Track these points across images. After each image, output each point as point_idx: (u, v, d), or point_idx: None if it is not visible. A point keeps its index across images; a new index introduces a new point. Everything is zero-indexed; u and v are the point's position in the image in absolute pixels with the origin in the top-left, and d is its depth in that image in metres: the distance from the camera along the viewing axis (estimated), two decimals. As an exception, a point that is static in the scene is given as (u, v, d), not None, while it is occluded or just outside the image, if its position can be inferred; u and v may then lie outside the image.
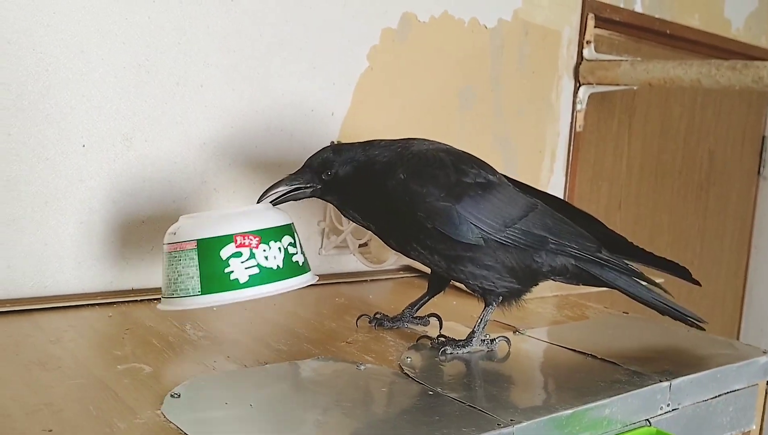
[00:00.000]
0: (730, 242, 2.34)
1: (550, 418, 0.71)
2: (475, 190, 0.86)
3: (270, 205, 0.90)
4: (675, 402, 0.85)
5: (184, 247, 0.84)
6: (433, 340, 0.91)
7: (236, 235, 0.83)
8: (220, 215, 0.87)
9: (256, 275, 0.83)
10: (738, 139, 2.30)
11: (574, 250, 0.90)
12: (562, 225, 0.90)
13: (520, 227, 0.87)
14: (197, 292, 0.83)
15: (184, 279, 0.83)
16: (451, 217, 0.84)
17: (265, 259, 0.84)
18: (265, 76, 1.17)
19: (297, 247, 0.89)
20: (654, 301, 0.96)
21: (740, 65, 1.36)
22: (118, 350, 0.82)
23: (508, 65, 1.53)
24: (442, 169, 0.85)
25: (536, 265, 0.89)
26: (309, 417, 0.67)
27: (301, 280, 0.87)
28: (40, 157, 0.98)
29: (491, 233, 0.85)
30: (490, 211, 0.86)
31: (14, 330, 0.86)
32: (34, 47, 0.95)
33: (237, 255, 0.83)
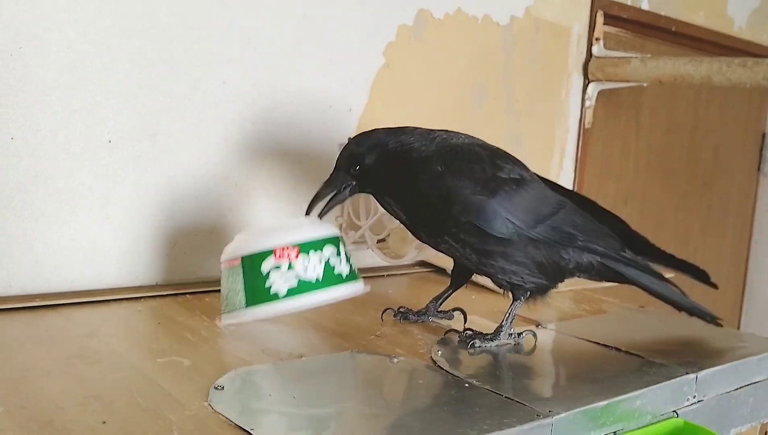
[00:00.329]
0: (731, 237, 2.37)
1: (586, 410, 0.73)
2: (510, 186, 0.87)
3: (316, 218, 0.92)
4: (701, 394, 0.87)
5: (233, 264, 0.87)
6: (461, 333, 0.92)
7: (276, 249, 0.85)
8: (263, 230, 0.89)
9: (295, 287, 0.85)
10: (739, 136, 2.32)
11: (601, 248, 0.91)
12: (589, 223, 0.92)
13: (550, 224, 0.88)
14: (243, 305, 0.85)
15: (233, 294, 0.86)
16: (486, 211, 0.85)
17: (304, 270, 0.85)
18: (285, 72, 1.17)
19: (341, 257, 0.89)
20: (674, 298, 0.98)
21: (751, 62, 1.38)
22: (154, 344, 0.82)
23: (519, 62, 1.54)
24: (478, 163, 0.86)
25: (564, 262, 0.90)
26: (352, 409, 0.68)
27: (341, 291, 0.87)
28: (68, 153, 0.98)
29: (523, 229, 0.86)
30: (523, 207, 0.87)
31: (48, 324, 0.86)
32: (61, 43, 0.96)
33: (277, 268, 0.84)
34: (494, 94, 1.50)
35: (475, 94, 1.47)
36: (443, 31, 1.39)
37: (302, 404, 0.68)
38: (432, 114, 1.39)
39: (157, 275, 1.08)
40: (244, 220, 1.16)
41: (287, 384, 0.73)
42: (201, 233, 1.12)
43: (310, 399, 0.70)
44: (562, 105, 1.65)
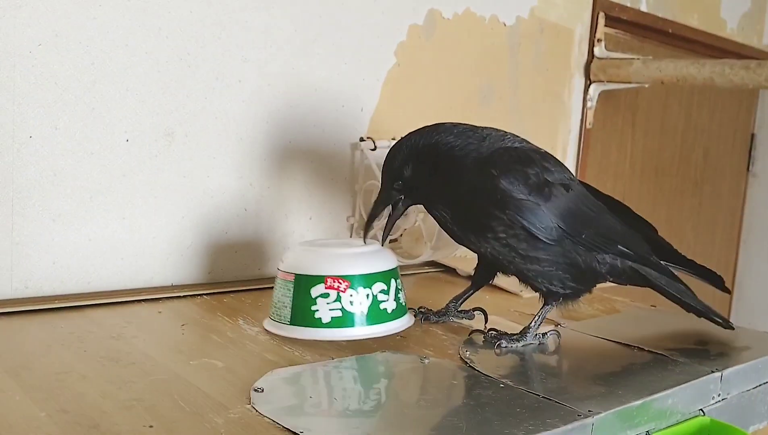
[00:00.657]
0: (721, 237, 2.41)
1: (623, 410, 0.73)
2: (560, 190, 0.87)
3: (380, 247, 0.92)
4: (725, 392, 0.88)
5: (286, 278, 0.88)
6: (486, 334, 0.93)
7: (327, 277, 0.85)
8: (323, 250, 0.89)
9: (339, 318, 0.85)
10: (729, 137, 2.36)
11: (635, 254, 0.92)
12: (625, 228, 0.93)
13: (594, 230, 0.88)
14: (287, 320, 0.87)
15: (282, 306, 0.88)
16: (539, 216, 0.85)
17: (351, 304, 0.86)
18: (300, 71, 1.17)
19: (390, 294, 0.89)
20: (692, 303, 0.99)
21: (754, 65, 1.40)
22: (183, 346, 0.82)
23: (524, 62, 1.55)
24: (532, 167, 0.86)
25: (600, 267, 0.90)
26: (396, 410, 0.68)
27: (384, 328, 0.87)
28: (86, 151, 0.97)
29: (570, 234, 0.87)
30: (571, 213, 0.87)
31: (72, 326, 0.85)
32: (80, 40, 0.94)
33: (325, 296, 0.85)
34: (500, 94, 1.51)
35: (483, 93, 1.47)
36: (452, 31, 1.39)
37: (345, 405, 0.68)
38: (441, 113, 1.39)
39: (172, 276, 1.07)
40: (258, 220, 1.15)
41: (325, 385, 0.73)
42: (216, 233, 1.11)
43: (351, 400, 0.70)
44: (564, 105, 1.66)
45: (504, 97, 1.52)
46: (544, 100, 1.61)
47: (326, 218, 1.25)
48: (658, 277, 0.95)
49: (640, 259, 0.92)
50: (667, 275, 0.96)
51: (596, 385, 0.79)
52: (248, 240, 1.15)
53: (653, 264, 0.94)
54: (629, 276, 0.94)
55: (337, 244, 0.93)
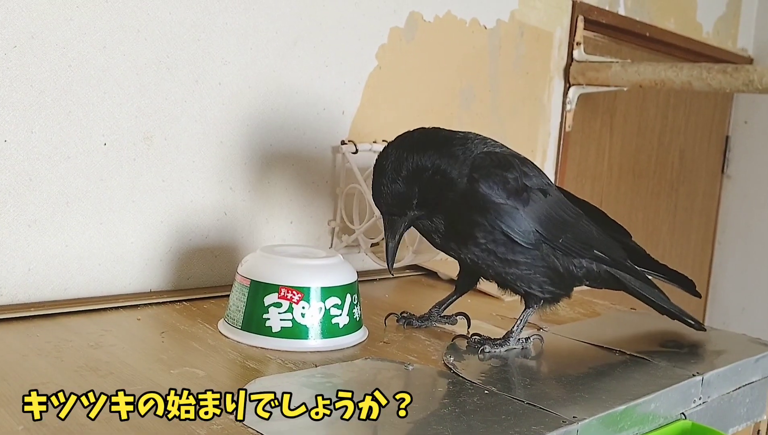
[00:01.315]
0: (696, 239, 2.43)
1: (607, 415, 0.74)
2: (538, 195, 0.87)
3: (341, 259, 0.92)
4: (705, 395, 0.89)
5: (243, 282, 0.88)
6: (469, 339, 0.92)
7: (281, 287, 0.85)
8: (281, 258, 0.88)
9: (288, 329, 0.85)
10: (705, 139, 2.39)
11: (610, 258, 0.93)
12: (603, 234, 0.94)
13: (571, 234, 0.89)
14: (239, 325, 0.87)
15: (236, 310, 0.88)
16: (517, 220, 0.85)
17: (302, 316, 0.86)
18: (281, 74, 1.16)
19: (344, 308, 0.88)
20: (665, 306, 1.01)
21: (731, 69, 1.42)
22: (163, 354, 0.80)
23: (504, 65, 1.55)
24: (511, 172, 0.86)
25: (577, 271, 0.91)
26: (381, 418, 0.67)
27: (332, 343, 0.87)
28: (63, 156, 0.95)
29: (548, 239, 0.87)
30: (549, 217, 0.87)
31: (49, 335, 0.83)
32: (57, 42, 0.92)
33: (277, 305, 0.85)
34: (481, 97, 1.51)
35: (463, 95, 1.47)
36: (433, 34, 1.39)
37: (327, 414, 0.67)
38: (422, 116, 1.39)
39: (151, 282, 1.06)
40: (239, 224, 1.14)
41: (310, 393, 0.72)
42: (195, 238, 1.10)
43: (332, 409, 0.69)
44: (544, 108, 1.67)
45: (484, 99, 1.52)
46: (524, 103, 1.62)
47: (307, 222, 1.24)
48: (632, 281, 0.96)
49: (615, 264, 0.94)
50: (641, 279, 0.97)
51: (580, 390, 0.79)
52: (228, 245, 1.13)
53: (628, 268, 0.95)
54: (605, 280, 0.95)
55: (300, 252, 0.92)
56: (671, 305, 1.01)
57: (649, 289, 0.99)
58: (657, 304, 1.00)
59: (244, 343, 0.86)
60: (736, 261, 2.47)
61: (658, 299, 0.99)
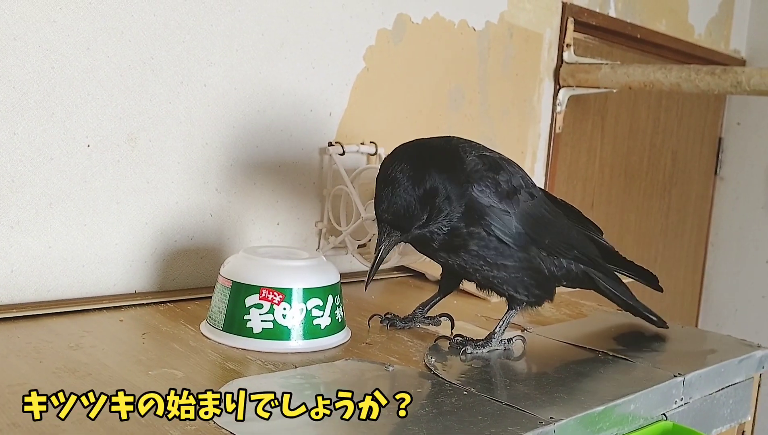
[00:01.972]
0: (689, 240, 2.44)
1: (585, 416, 0.74)
2: (528, 199, 0.88)
3: (323, 261, 0.92)
4: (687, 396, 0.89)
5: (224, 283, 0.88)
6: (452, 340, 0.92)
7: (263, 288, 0.86)
8: (263, 259, 0.88)
9: (270, 330, 0.86)
10: (697, 140, 2.39)
11: (588, 258, 0.93)
12: (580, 233, 0.94)
13: (555, 235, 0.89)
14: (220, 326, 0.87)
15: (218, 311, 0.88)
16: (509, 223, 0.85)
17: (283, 317, 0.86)
18: (267, 75, 1.16)
19: (326, 310, 0.89)
20: (629, 302, 1.02)
21: (719, 70, 1.42)
22: (143, 355, 0.80)
23: (493, 67, 1.55)
24: (502, 174, 0.86)
25: (558, 272, 0.92)
26: (354, 419, 0.67)
27: (314, 344, 0.87)
28: (45, 157, 0.95)
29: (536, 240, 0.87)
30: (536, 219, 0.88)
31: (30, 336, 0.83)
32: (39, 44, 0.92)
33: (258, 306, 0.85)
34: (470, 99, 1.51)
35: (452, 97, 1.47)
36: (421, 36, 1.39)
37: (304, 415, 0.67)
38: (410, 118, 1.39)
39: (136, 283, 1.06)
40: (225, 226, 1.14)
41: (285, 395, 0.72)
42: (180, 240, 1.10)
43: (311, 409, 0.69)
44: (534, 110, 1.67)
45: (474, 101, 1.52)
46: (514, 105, 1.62)
47: (294, 224, 1.24)
48: (604, 279, 0.97)
49: (592, 263, 0.94)
50: (610, 277, 0.98)
51: (559, 391, 0.79)
52: (214, 246, 1.13)
53: (601, 267, 0.96)
54: (580, 279, 0.96)
55: (282, 254, 0.93)
56: (636, 302, 1.03)
57: (618, 287, 1.00)
58: (622, 301, 1.02)
59: (225, 344, 0.86)
60: (729, 262, 2.47)
61: (624, 296, 1.01)
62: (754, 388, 1.04)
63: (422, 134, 1.40)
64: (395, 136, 1.36)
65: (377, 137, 1.31)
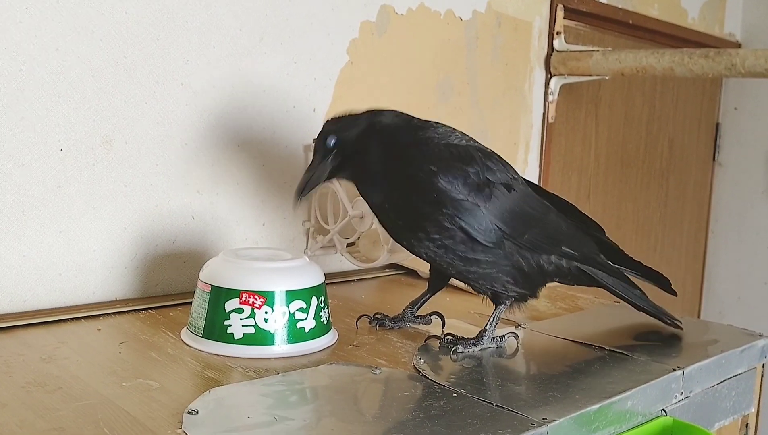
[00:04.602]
0: (689, 228, 2.40)
1: (579, 415, 0.70)
2: (501, 190, 0.84)
3: (306, 261, 0.89)
4: (687, 390, 0.85)
5: (204, 288, 0.85)
6: (442, 339, 0.89)
7: (243, 292, 0.82)
8: (242, 262, 0.85)
9: (251, 335, 0.82)
10: (694, 126, 2.35)
11: (580, 254, 0.89)
12: (571, 229, 0.90)
13: (537, 231, 0.86)
14: (201, 333, 0.84)
15: (198, 317, 0.85)
16: (477, 217, 0.81)
17: (264, 321, 0.82)
18: (247, 72, 1.12)
19: (309, 312, 0.85)
20: (639, 302, 0.98)
21: (713, 53, 1.39)
22: (118, 366, 0.77)
23: (482, 57, 1.52)
24: (473, 166, 0.83)
25: (545, 268, 0.88)
26: (339, 427, 0.64)
27: (298, 349, 0.84)
28: (16, 163, 0.92)
29: (512, 236, 0.84)
30: (513, 214, 0.84)
31: (1, 349, 0.80)
32: (5, 46, 0.89)
33: (239, 311, 0.82)
34: (459, 90, 1.48)
35: (441, 89, 1.44)
36: (406, 27, 1.35)
37: (285, 425, 0.64)
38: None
39: (116, 290, 1.02)
40: (208, 228, 1.11)
41: (266, 403, 0.69)
42: (162, 244, 1.06)
43: (292, 419, 0.66)
44: (525, 100, 1.64)
45: (463, 92, 1.49)
46: (505, 95, 1.59)
47: (280, 224, 1.21)
48: (605, 277, 0.93)
49: (585, 259, 0.90)
50: (615, 275, 0.93)
51: (553, 389, 0.76)
52: (197, 250, 1.10)
53: (599, 264, 0.92)
54: (575, 276, 0.91)
55: (264, 255, 0.89)
56: (648, 303, 0.98)
57: (624, 286, 0.95)
58: (632, 301, 0.97)
59: (205, 351, 0.82)
60: (730, 250, 2.44)
61: (634, 297, 0.96)
62: (757, 378, 1.00)
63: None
64: (382, 130, 1.33)
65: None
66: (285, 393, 0.72)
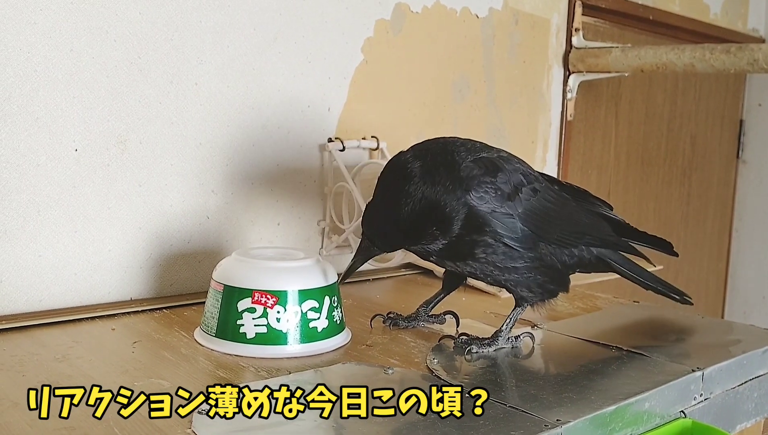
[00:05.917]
0: (712, 227, 2.36)
1: (594, 417, 0.69)
2: (530, 196, 0.84)
3: (319, 261, 0.88)
4: (707, 391, 0.84)
5: (216, 288, 0.85)
6: (456, 339, 0.88)
7: (255, 291, 0.82)
8: (255, 261, 0.85)
9: (263, 334, 0.82)
10: (717, 124, 2.31)
11: (600, 240, 0.89)
12: (593, 218, 0.90)
13: (564, 227, 0.85)
14: (213, 332, 0.84)
15: (211, 317, 0.85)
16: (511, 226, 0.81)
17: (277, 320, 0.82)
18: (261, 71, 1.12)
19: (322, 312, 0.85)
20: (652, 283, 0.97)
21: (734, 48, 1.36)
22: (131, 365, 0.77)
23: (499, 55, 1.50)
24: (500, 176, 0.82)
25: (570, 262, 0.88)
26: (351, 427, 0.64)
27: (310, 348, 0.83)
28: (32, 163, 0.92)
29: (544, 237, 0.84)
30: (541, 215, 0.84)
31: (15, 348, 0.80)
32: (20, 47, 0.90)
33: (251, 310, 0.82)
34: (475, 88, 1.46)
35: (457, 88, 1.43)
36: (422, 25, 1.34)
37: (296, 425, 0.63)
38: (413, 110, 1.35)
39: (131, 290, 1.03)
40: (223, 228, 1.11)
41: (275, 403, 0.68)
42: (177, 244, 1.07)
43: (302, 418, 0.65)
44: (543, 97, 1.62)
45: (480, 91, 1.48)
46: (522, 93, 1.57)
47: (296, 223, 1.20)
48: (619, 262, 0.93)
49: (604, 244, 0.90)
50: (625, 249, 0.94)
51: (568, 390, 0.75)
52: (212, 249, 1.10)
53: (615, 244, 0.92)
54: (594, 264, 0.92)
55: (276, 255, 0.89)
56: (656, 281, 0.98)
57: (632, 266, 0.96)
58: (641, 281, 0.97)
59: (218, 350, 0.82)
60: (755, 249, 2.39)
61: (643, 275, 0.97)
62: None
63: (426, 127, 1.37)
64: (397, 130, 1.32)
65: (379, 132, 1.27)
66: (296, 392, 0.71)
